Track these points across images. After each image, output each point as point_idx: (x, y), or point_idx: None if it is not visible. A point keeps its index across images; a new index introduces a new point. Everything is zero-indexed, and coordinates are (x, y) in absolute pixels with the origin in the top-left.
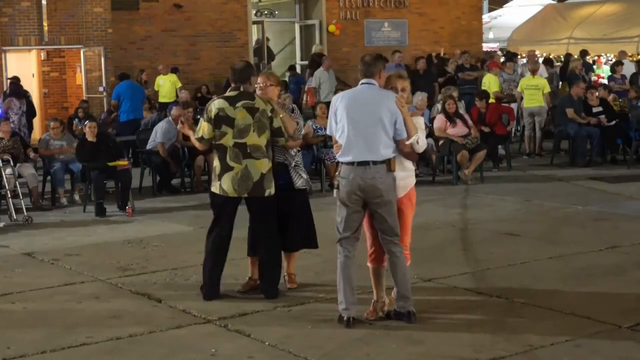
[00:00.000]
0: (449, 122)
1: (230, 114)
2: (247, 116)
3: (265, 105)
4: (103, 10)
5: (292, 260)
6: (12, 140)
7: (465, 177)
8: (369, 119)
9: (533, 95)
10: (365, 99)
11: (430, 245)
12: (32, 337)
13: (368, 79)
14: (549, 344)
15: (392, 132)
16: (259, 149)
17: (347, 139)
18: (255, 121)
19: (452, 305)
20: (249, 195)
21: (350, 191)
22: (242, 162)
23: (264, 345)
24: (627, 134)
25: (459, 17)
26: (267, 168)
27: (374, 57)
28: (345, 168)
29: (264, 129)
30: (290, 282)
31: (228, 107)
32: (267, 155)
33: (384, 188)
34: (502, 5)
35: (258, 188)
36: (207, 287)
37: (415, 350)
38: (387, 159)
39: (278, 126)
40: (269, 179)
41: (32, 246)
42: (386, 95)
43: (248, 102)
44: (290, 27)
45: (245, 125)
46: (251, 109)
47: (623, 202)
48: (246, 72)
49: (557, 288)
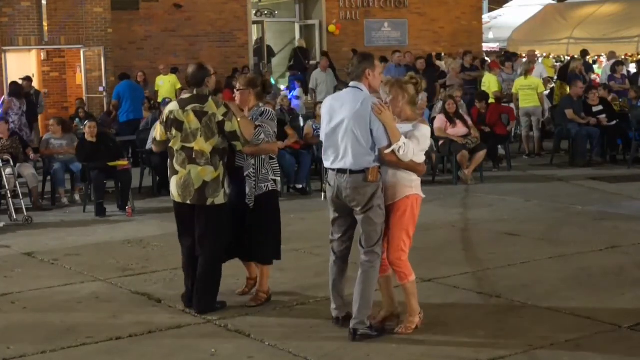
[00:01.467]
0: (449, 122)
1: (179, 117)
2: (194, 120)
3: (217, 109)
4: (103, 10)
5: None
6: (10, 140)
7: (465, 177)
8: (343, 125)
9: (528, 95)
10: (342, 104)
11: (430, 245)
12: (32, 337)
13: (354, 82)
14: (549, 344)
15: (370, 139)
16: (203, 155)
17: (326, 145)
18: (203, 125)
19: (452, 305)
20: (191, 202)
21: (332, 197)
22: (186, 167)
23: (264, 345)
24: (627, 134)
25: (459, 17)
26: (212, 176)
27: (358, 59)
28: (329, 173)
29: (212, 134)
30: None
31: (178, 110)
32: (212, 163)
33: (360, 199)
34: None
35: (200, 196)
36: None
37: (415, 350)
38: (365, 168)
39: (232, 130)
40: (214, 188)
41: (32, 246)
42: (363, 100)
43: (197, 106)
44: (290, 27)
45: (193, 130)
46: (200, 112)
47: (623, 202)
48: (199, 74)
49: (557, 288)
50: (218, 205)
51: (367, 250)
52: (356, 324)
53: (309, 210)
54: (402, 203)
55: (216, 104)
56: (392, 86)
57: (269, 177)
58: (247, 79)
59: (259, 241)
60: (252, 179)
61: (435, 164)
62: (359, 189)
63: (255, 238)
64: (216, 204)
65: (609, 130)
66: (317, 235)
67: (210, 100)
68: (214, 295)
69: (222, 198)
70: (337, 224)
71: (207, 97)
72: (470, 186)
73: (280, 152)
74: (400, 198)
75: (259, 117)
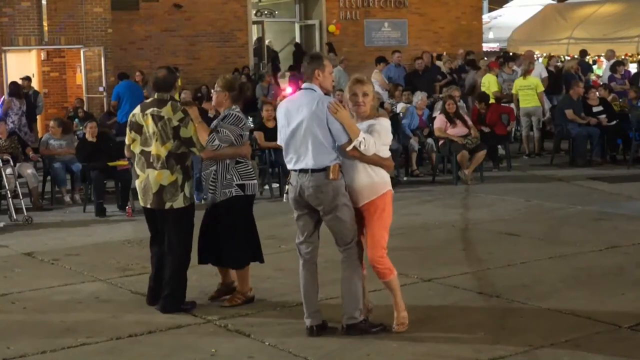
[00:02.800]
0: (449, 122)
1: (139, 121)
2: (152, 124)
3: (173, 114)
4: (103, 10)
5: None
6: (9, 140)
7: (465, 177)
8: (302, 126)
9: (528, 95)
10: (298, 107)
11: (430, 245)
12: (32, 337)
13: (307, 83)
14: (549, 344)
15: (329, 138)
16: (159, 159)
17: (286, 148)
18: (159, 129)
19: (452, 305)
20: (151, 206)
21: (294, 197)
22: (145, 171)
23: (264, 345)
24: (627, 134)
25: (459, 17)
26: (168, 180)
27: (307, 60)
28: (291, 174)
29: (168, 139)
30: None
31: (139, 113)
32: (167, 167)
33: (323, 197)
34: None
35: (158, 200)
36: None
37: (415, 350)
38: (326, 166)
39: (187, 136)
40: (172, 192)
41: (32, 246)
42: (318, 100)
43: (155, 110)
44: (290, 27)
45: (150, 134)
46: (157, 116)
47: (623, 202)
48: (170, 78)
49: (557, 288)
50: (177, 209)
51: (344, 248)
52: (347, 319)
53: None
54: (380, 201)
55: (174, 109)
56: (365, 84)
57: (234, 183)
58: (224, 81)
59: (228, 246)
60: (212, 185)
61: (435, 164)
62: (321, 187)
63: (223, 244)
64: (175, 208)
65: (609, 130)
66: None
67: (169, 105)
68: (179, 297)
69: (182, 202)
70: (301, 224)
71: (166, 101)
72: (470, 186)
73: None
74: (377, 196)
75: (220, 122)
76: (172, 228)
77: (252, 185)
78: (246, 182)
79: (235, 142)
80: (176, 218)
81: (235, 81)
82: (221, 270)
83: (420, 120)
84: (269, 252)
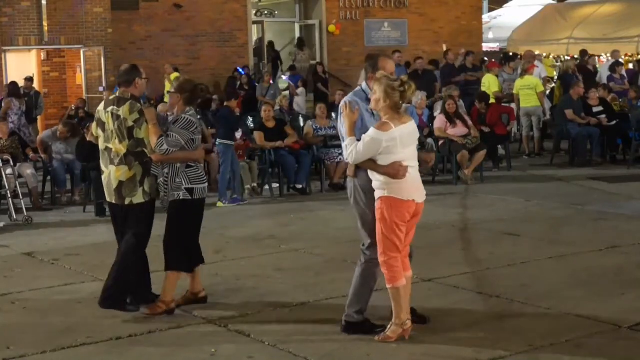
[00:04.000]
0: (449, 122)
1: (102, 118)
2: (111, 122)
3: (130, 114)
4: (103, 10)
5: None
6: (10, 140)
7: (465, 177)
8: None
9: (528, 95)
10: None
11: (430, 245)
12: (32, 337)
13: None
14: (549, 344)
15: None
16: (118, 156)
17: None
18: (116, 128)
19: (452, 305)
20: (114, 202)
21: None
22: (108, 167)
23: (264, 345)
24: (627, 134)
25: (459, 17)
26: (127, 176)
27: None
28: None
29: (124, 138)
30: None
31: (102, 110)
32: (126, 162)
33: (348, 193)
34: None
35: (118, 196)
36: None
37: (415, 350)
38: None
39: (140, 137)
40: (130, 188)
41: (32, 246)
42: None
43: (114, 108)
44: (290, 27)
45: (110, 131)
46: (115, 115)
47: (623, 202)
48: (129, 74)
49: (557, 288)
50: (136, 205)
51: (362, 248)
52: (345, 316)
53: (309, 210)
54: (376, 205)
55: (130, 109)
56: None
57: (182, 187)
58: (177, 84)
59: (165, 248)
60: (163, 187)
61: (435, 164)
62: (348, 182)
63: (166, 245)
64: (134, 203)
65: (609, 130)
66: (317, 235)
67: (127, 105)
68: (122, 292)
69: (141, 197)
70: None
71: (126, 100)
72: (470, 186)
73: (280, 152)
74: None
75: (171, 125)
76: (131, 223)
77: (201, 190)
78: (195, 186)
79: (186, 146)
80: (136, 213)
81: (188, 83)
82: (190, 277)
83: (420, 120)
84: (269, 252)
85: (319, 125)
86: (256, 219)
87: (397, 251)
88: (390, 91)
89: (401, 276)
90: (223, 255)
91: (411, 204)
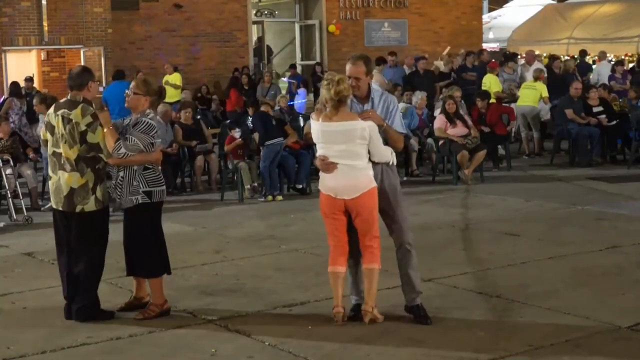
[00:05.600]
0: (449, 122)
1: (52, 121)
2: (61, 126)
3: (82, 118)
4: (103, 10)
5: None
6: (10, 140)
7: (465, 177)
8: None
9: (527, 94)
10: None
11: (430, 245)
12: (32, 337)
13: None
14: (549, 344)
15: None
16: (69, 162)
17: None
18: (66, 132)
19: (452, 305)
20: (62, 209)
21: None
22: (57, 173)
23: (264, 345)
24: (627, 134)
25: (459, 17)
26: (79, 183)
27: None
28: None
29: (75, 142)
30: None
31: (52, 113)
32: (78, 169)
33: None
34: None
35: (69, 203)
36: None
37: (415, 351)
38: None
39: (95, 142)
40: (82, 195)
41: (32, 246)
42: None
43: (65, 112)
44: (290, 27)
45: (60, 135)
46: (66, 119)
47: (623, 202)
48: (77, 78)
49: (557, 288)
50: (88, 213)
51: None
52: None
53: (309, 210)
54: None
55: (83, 112)
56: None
57: (140, 190)
58: (145, 86)
59: (139, 255)
60: (118, 191)
61: (435, 164)
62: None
63: (133, 252)
64: (86, 211)
65: (609, 130)
66: (317, 235)
67: (79, 108)
68: (91, 303)
69: (93, 205)
70: None
71: (78, 103)
72: (470, 186)
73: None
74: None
75: (131, 128)
76: (84, 232)
77: (160, 192)
78: (153, 189)
79: (145, 150)
80: (88, 221)
81: (156, 86)
82: (136, 281)
83: (420, 120)
84: (269, 252)
85: None
86: (256, 219)
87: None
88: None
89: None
90: (223, 255)
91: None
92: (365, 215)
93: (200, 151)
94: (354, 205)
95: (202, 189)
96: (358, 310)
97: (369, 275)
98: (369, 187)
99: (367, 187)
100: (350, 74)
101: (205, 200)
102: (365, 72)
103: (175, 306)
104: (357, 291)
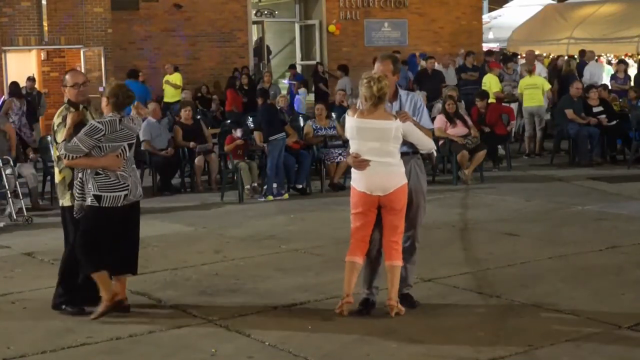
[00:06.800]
0: (449, 122)
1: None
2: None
3: (56, 118)
4: (103, 10)
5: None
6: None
7: (465, 177)
8: None
9: (532, 94)
10: None
11: (430, 245)
12: (32, 337)
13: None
14: (549, 344)
15: None
16: (56, 159)
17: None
18: (53, 132)
19: (452, 305)
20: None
21: None
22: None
23: (264, 345)
24: (627, 134)
25: (459, 17)
26: (58, 179)
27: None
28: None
29: (55, 141)
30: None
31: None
32: (58, 166)
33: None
34: (502, 5)
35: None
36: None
37: (415, 350)
38: None
39: (59, 141)
40: (61, 190)
41: (32, 246)
42: None
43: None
44: (290, 27)
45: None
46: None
47: (623, 202)
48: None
49: (557, 288)
50: (65, 207)
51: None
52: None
53: (309, 210)
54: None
55: (59, 113)
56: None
57: (91, 193)
58: (109, 88)
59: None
60: (78, 191)
61: (435, 164)
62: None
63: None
64: (64, 206)
65: (609, 130)
66: (317, 235)
67: (60, 109)
68: (61, 292)
69: (68, 200)
70: None
71: (67, 104)
72: (470, 186)
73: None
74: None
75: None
76: (64, 225)
77: (111, 198)
78: (103, 194)
79: (92, 153)
80: (66, 216)
81: (119, 89)
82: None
83: None
84: (269, 252)
85: (319, 125)
86: (256, 219)
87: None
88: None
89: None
90: (223, 255)
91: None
92: (397, 210)
93: (200, 151)
94: (388, 201)
95: (202, 189)
96: (366, 305)
97: (392, 271)
98: (402, 183)
99: (400, 183)
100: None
101: (205, 200)
102: (392, 71)
103: (175, 306)
104: (369, 285)
